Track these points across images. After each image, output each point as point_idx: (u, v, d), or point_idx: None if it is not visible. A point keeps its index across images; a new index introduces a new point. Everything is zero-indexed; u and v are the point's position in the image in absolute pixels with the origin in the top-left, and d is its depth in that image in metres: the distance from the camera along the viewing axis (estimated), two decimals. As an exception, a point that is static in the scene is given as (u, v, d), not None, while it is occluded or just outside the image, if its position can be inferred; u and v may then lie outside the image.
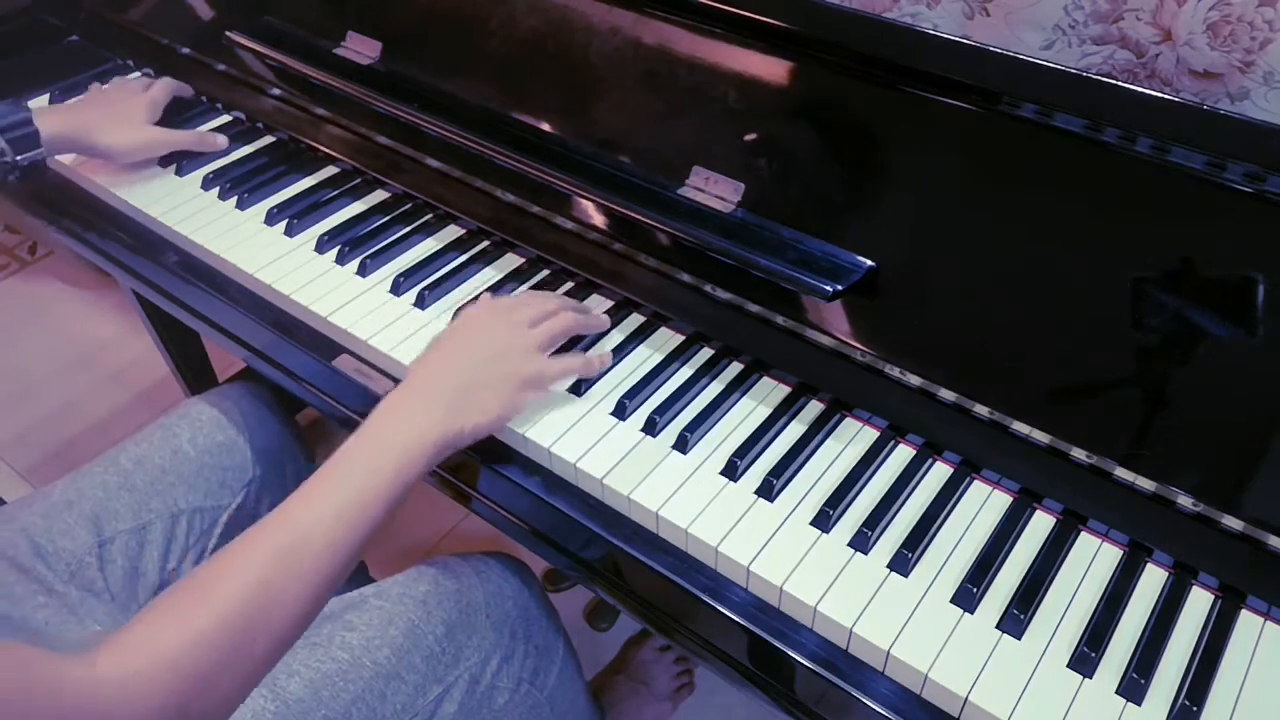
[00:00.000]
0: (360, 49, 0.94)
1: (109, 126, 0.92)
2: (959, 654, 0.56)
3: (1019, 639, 0.57)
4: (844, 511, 0.64)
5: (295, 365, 0.83)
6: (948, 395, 0.66)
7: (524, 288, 0.82)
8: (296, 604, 0.54)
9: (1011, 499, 0.65)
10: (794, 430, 0.69)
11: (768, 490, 0.65)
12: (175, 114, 1.02)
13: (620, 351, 0.75)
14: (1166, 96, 0.60)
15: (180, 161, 0.95)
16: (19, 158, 0.86)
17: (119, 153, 0.92)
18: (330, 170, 0.96)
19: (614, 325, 0.78)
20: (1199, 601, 0.60)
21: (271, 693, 0.67)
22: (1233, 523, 0.58)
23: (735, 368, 0.74)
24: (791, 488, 0.65)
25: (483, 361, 0.67)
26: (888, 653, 0.56)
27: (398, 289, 0.81)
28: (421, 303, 0.80)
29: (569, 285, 0.82)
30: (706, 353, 0.75)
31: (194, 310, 0.89)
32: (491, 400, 0.66)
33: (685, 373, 0.74)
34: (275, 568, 0.53)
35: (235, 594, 0.52)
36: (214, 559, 0.54)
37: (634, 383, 0.72)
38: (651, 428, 0.69)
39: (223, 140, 0.97)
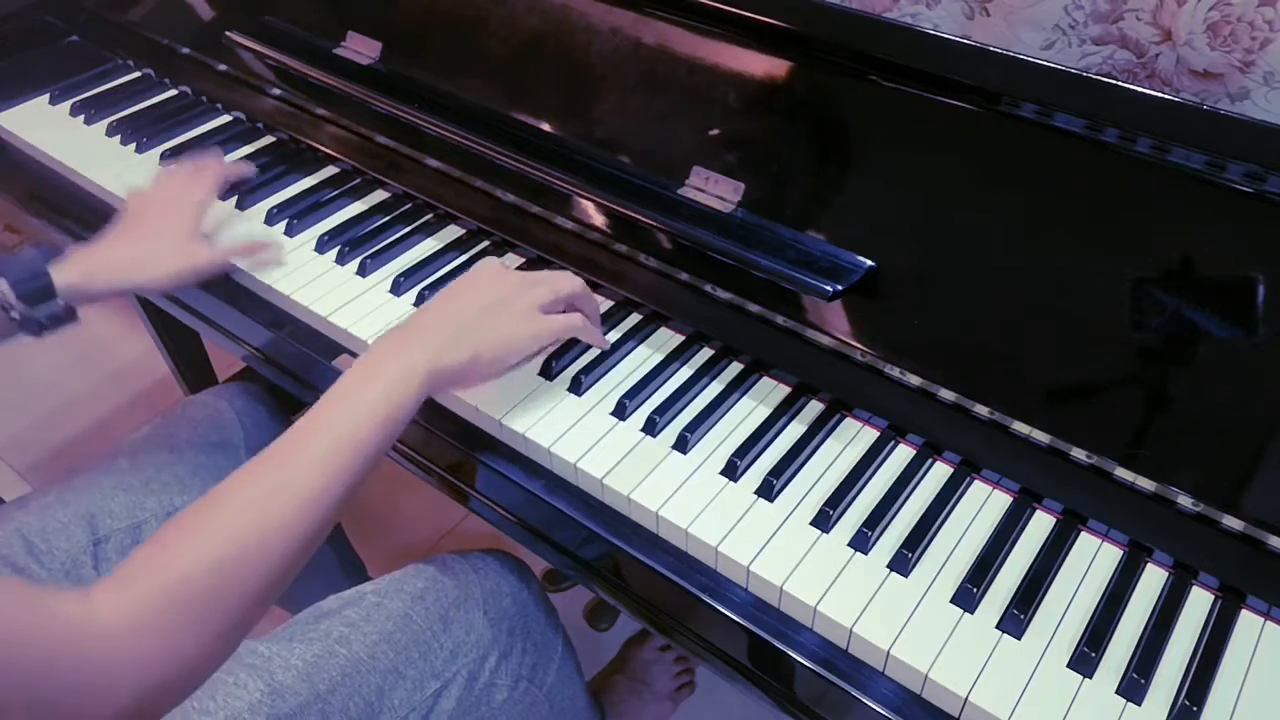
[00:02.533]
0: (360, 49, 0.94)
1: (143, 261, 0.78)
2: (959, 654, 0.56)
3: (1019, 639, 0.57)
4: (844, 511, 0.64)
5: (295, 365, 0.83)
6: (948, 395, 0.66)
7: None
8: (287, 540, 0.53)
9: (1011, 499, 0.65)
10: (794, 430, 0.69)
11: (768, 490, 0.65)
12: (175, 115, 1.02)
13: (620, 351, 0.75)
14: (1166, 96, 0.60)
15: (181, 161, 0.95)
16: (34, 310, 0.73)
17: (159, 289, 0.83)
18: (330, 170, 0.96)
19: (614, 325, 0.78)
20: (1199, 601, 0.60)
21: (268, 685, 0.67)
22: (1233, 523, 0.58)
23: (735, 368, 0.74)
24: (791, 488, 0.65)
25: (481, 306, 0.67)
26: (888, 653, 0.56)
27: (398, 289, 0.81)
28: (422, 303, 0.80)
29: (569, 285, 0.82)
30: (706, 353, 0.75)
31: (194, 309, 0.89)
32: (486, 339, 0.66)
33: (685, 373, 0.73)
34: (266, 503, 0.53)
35: (225, 531, 0.51)
36: (207, 496, 0.53)
37: (634, 383, 0.72)
38: (651, 428, 0.69)
39: (274, 250, 0.83)
